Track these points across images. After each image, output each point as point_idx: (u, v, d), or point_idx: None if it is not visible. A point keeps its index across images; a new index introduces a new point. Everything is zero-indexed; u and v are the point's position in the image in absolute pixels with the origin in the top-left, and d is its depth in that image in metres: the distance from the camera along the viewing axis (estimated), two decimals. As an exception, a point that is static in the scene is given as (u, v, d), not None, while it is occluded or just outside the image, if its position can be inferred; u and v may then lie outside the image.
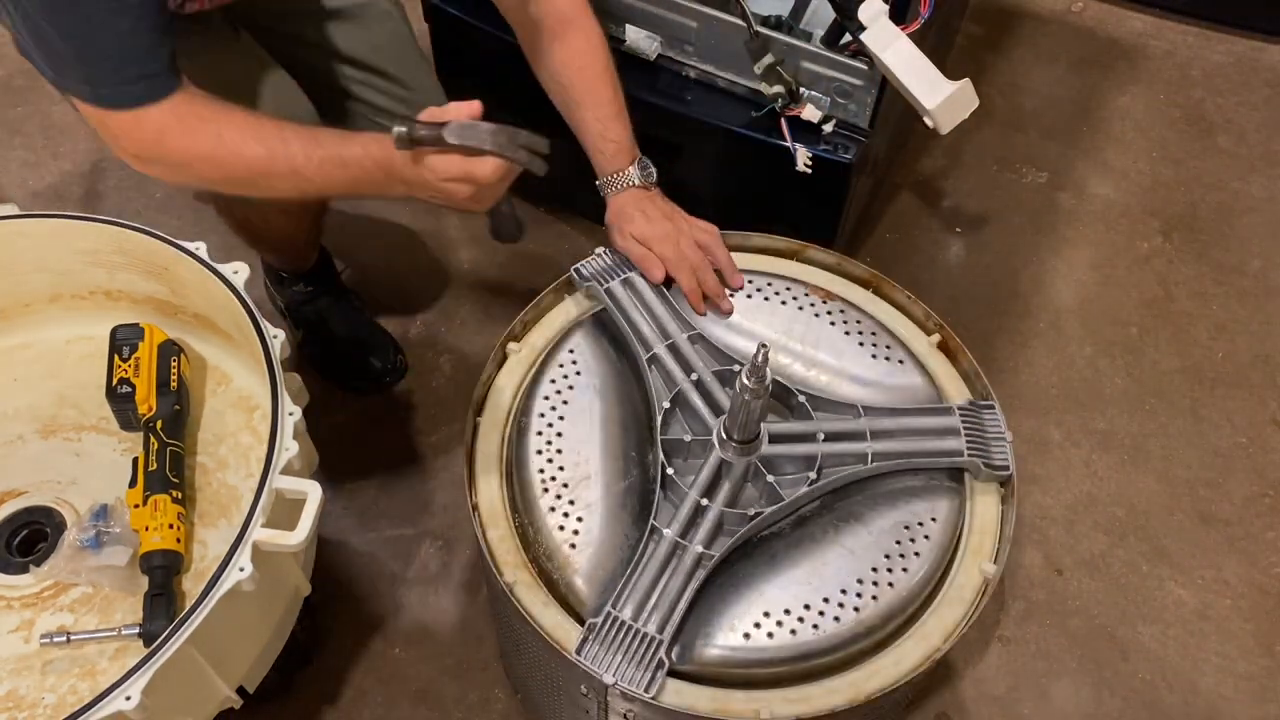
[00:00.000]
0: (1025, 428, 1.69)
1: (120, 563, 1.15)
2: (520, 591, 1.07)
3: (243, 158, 1.09)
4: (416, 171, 1.07)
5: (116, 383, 1.25)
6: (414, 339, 1.76)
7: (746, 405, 1.03)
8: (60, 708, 1.10)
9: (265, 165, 1.09)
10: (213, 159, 1.09)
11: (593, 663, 1.01)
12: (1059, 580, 1.55)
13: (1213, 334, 1.82)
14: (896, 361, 1.22)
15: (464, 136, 1.03)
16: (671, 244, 1.24)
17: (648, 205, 1.26)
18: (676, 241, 1.24)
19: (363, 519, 1.58)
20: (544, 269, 1.83)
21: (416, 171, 1.07)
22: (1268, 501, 1.63)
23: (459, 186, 1.07)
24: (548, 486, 1.12)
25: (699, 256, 1.25)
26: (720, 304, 1.24)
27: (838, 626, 1.04)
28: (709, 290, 1.24)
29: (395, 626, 1.48)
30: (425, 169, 1.06)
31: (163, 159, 1.09)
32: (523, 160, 1.04)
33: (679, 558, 1.05)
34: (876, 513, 1.12)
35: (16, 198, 1.89)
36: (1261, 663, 1.49)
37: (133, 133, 1.07)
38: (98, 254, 1.28)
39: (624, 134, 1.27)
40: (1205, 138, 2.09)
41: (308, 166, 1.09)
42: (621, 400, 1.19)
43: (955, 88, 1.35)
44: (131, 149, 1.09)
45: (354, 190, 1.15)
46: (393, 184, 1.10)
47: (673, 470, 1.10)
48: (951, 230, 1.93)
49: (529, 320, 1.27)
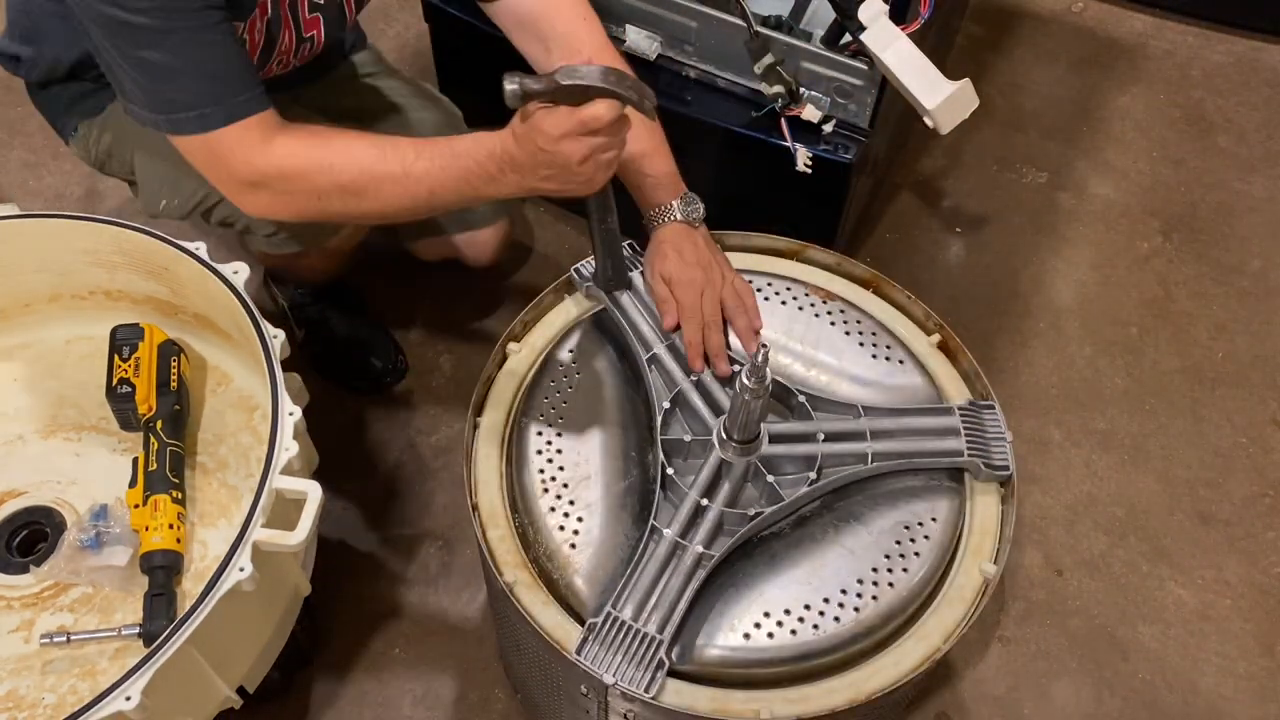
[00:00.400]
0: (1025, 428, 1.69)
1: (120, 563, 1.15)
2: (520, 592, 1.07)
3: (355, 159, 1.09)
4: (528, 140, 1.02)
5: (116, 383, 1.25)
6: (414, 339, 1.76)
7: (746, 405, 1.03)
8: (60, 708, 1.10)
9: (376, 164, 1.08)
10: (323, 164, 1.09)
11: (593, 663, 1.00)
12: (1059, 580, 1.55)
13: (1213, 334, 1.82)
14: (896, 361, 1.22)
15: (573, 76, 1.00)
16: (693, 292, 1.20)
17: (685, 245, 1.22)
18: (700, 290, 1.20)
19: (363, 519, 1.58)
20: (544, 269, 1.83)
21: (528, 140, 1.02)
22: (1268, 501, 1.63)
23: (573, 146, 1.01)
24: (548, 487, 1.12)
25: (714, 312, 1.20)
26: (718, 364, 1.18)
27: (838, 626, 1.04)
28: (709, 348, 1.19)
29: (395, 626, 1.48)
30: (536, 133, 1.01)
31: (272, 170, 1.09)
32: (633, 99, 1.01)
33: (679, 558, 1.05)
34: (877, 513, 1.12)
35: (16, 198, 1.89)
36: (1261, 663, 1.49)
37: (243, 142, 1.08)
38: (98, 254, 1.28)
39: (663, 169, 1.25)
40: (1205, 138, 2.09)
41: (418, 163, 1.08)
42: (621, 400, 1.19)
43: (955, 88, 1.35)
44: (243, 169, 1.09)
45: (464, 188, 1.10)
46: (505, 174, 1.06)
47: (673, 470, 1.10)
48: (951, 230, 1.93)
49: (529, 320, 1.27)
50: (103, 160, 1.41)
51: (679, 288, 1.20)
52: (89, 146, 1.39)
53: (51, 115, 1.41)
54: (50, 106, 1.39)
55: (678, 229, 1.24)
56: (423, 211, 1.15)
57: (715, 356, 1.18)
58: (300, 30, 1.27)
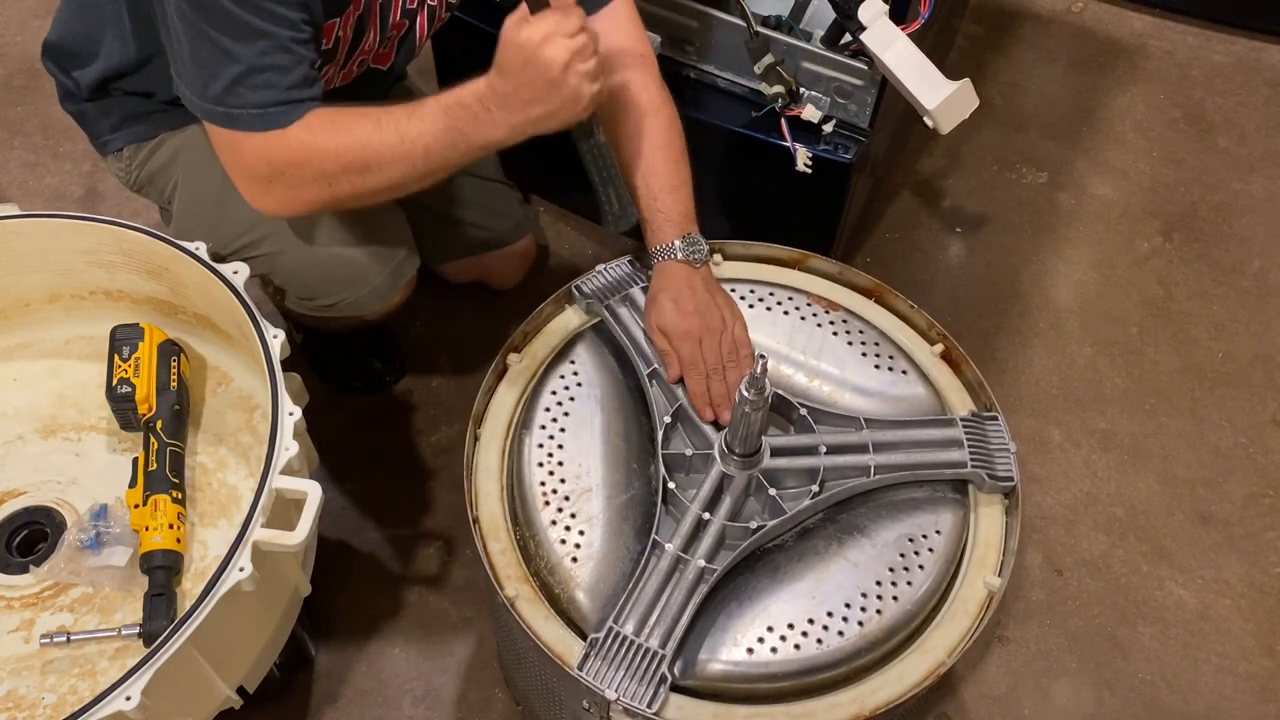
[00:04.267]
0: (1025, 428, 1.69)
1: (120, 563, 1.15)
2: (522, 606, 1.06)
3: (355, 135, 1.08)
4: (508, 61, 1.02)
5: (116, 383, 1.25)
6: (414, 339, 1.76)
7: (747, 417, 1.03)
8: (60, 708, 1.10)
9: (374, 135, 1.08)
10: (326, 148, 1.08)
11: (595, 678, 1.00)
12: (1059, 580, 1.55)
13: (1213, 334, 1.81)
14: (899, 372, 1.22)
15: None
16: (690, 343, 1.17)
17: (683, 293, 1.20)
18: (699, 340, 1.18)
19: (363, 519, 1.58)
20: (544, 269, 1.83)
21: (508, 61, 1.02)
22: (1268, 501, 1.63)
23: (552, 51, 1.00)
24: (549, 499, 1.11)
25: (716, 360, 1.17)
26: (721, 414, 1.16)
27: (841, 641, 1.03)
28: (714, 398, 1.17)
29: (395, 626, 1.48)
30: (514, 47, 1.01)
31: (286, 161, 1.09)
32: None
33: (681, 572, 1.04)
34: (880, 525, 1.11)
35: (16, 198, 1.89)
36: (1261, 663, 1.49)
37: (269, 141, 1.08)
38: (98, 254, 1.28)
39: (675, 208, 1.22)
40: (1205, 138, 2.09)
41: (410, 123, 1.07)
42: (623, 412, 1.19)
43: (955, 88, 1.35)
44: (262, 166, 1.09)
45: (455, 138, 1.08)
46: (492, 112, 1.05)
47: (674, 484, 1.10)
48: (951, 230, 1.93)
49: (530, 331, 1.26)
50: (141, 185, 1.40)
51: (676, 339, 1.18)
52: (130, 169, 1.39)
53: (95, 128, 1.38)
54: (97, 119, 1.37)
55: (676, 271, 1.21)
56: (426, 175, 1.12)
57: (719, 407, 1.16)
58: (387, 27, 1.26)
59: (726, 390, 1.17)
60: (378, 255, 1.34)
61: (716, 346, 1.18)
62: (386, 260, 1.36)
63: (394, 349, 1.72)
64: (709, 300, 1.21)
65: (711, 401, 1.17)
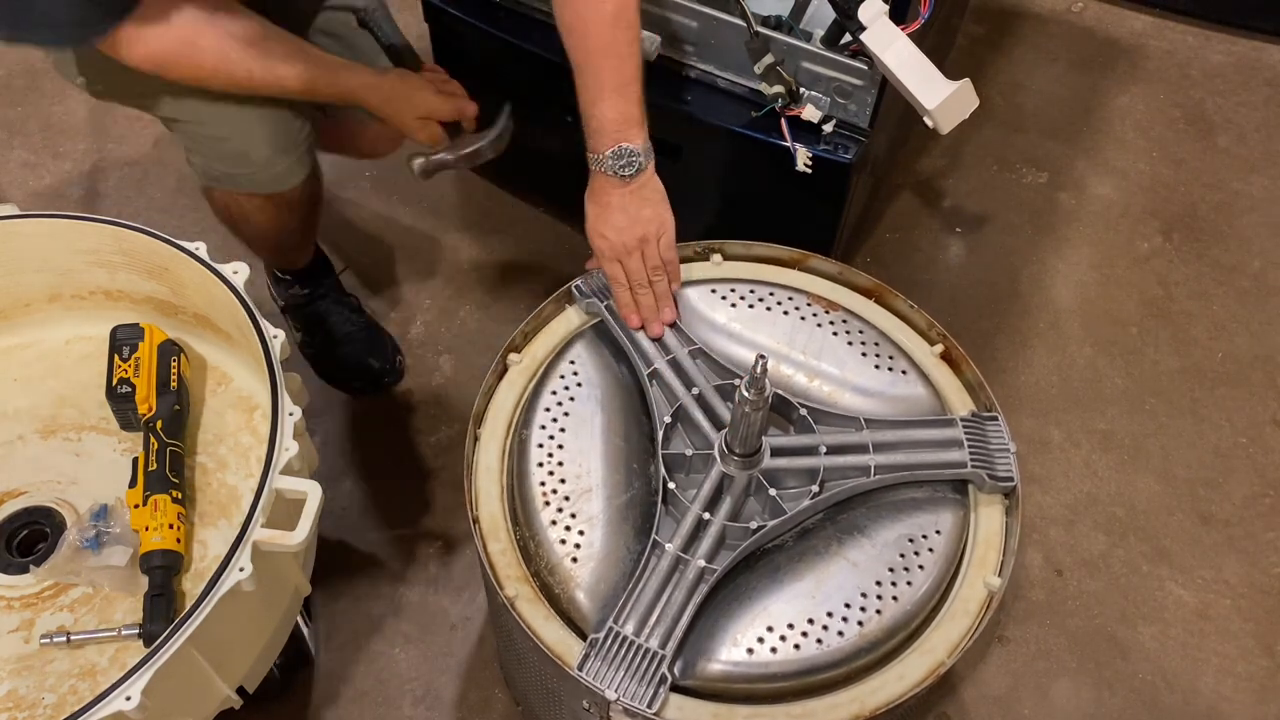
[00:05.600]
0: (1025, 428, 1.69)
1: (120, 563, 1.15)
2: (522, 606, 1.06)
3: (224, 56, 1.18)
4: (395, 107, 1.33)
5: (116, 383, 1.25)
6: (414, 339, 1.76)
7: (747, 418, 1.03)
8: (60, 708, 1.10)
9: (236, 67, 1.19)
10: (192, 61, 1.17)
11: (595, 678, 1.00)
12: (1059, 580, 1.55)
13: (1213, 334, 1.82)
14: (899, 372, 1.21)
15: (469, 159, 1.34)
16: (611, 261, 1.21)
17: (608, 207, 1.21)
18: (617, 258, 1.20)
19: (363, 519, 1.58)
20: (544, 269, 1.83)
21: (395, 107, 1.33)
22: (1268, 501, 1.63)
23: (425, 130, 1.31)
24: (549, 499, 1.11)
25: (640, 273, 1.20)
26: (650, 325, 1.20)
27: (841, 641, 1.03)
28: (642, 309, 1.20)
29: (395, 626, 1.48)
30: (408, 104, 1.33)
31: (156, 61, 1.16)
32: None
33: (681, 572, 1.04)
34: (880, 525, 1.10)
35: (16, 198, 1.89)
36: (1261, 663, 1.49)
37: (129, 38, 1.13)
38: (98, 254, 1.28)
39: (610, 114, 1.17)
40: (1205, 138, 2.09)
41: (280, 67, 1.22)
42: (623, 412, 1.18)
43: (955, 88, 1.34)
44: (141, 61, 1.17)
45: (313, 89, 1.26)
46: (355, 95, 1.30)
47: (674, 485, 1.09)
48: (951, 230, 1.93)
49: (530, 331, 1.26)
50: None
51: (598, 258, 1.23)
52: None
53: None
54: None
55: (602, 184, 1.20)
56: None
57: (648, 320, 1.20)
58: None
59: (654, 301, 1.20)
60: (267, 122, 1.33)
61: (639, 261, 1.20)
62: (280, 138, 1.34)
63: (394, 349, 1.72)
64: (634, 215, 1.20)
65: (640, 312, 1.20)
